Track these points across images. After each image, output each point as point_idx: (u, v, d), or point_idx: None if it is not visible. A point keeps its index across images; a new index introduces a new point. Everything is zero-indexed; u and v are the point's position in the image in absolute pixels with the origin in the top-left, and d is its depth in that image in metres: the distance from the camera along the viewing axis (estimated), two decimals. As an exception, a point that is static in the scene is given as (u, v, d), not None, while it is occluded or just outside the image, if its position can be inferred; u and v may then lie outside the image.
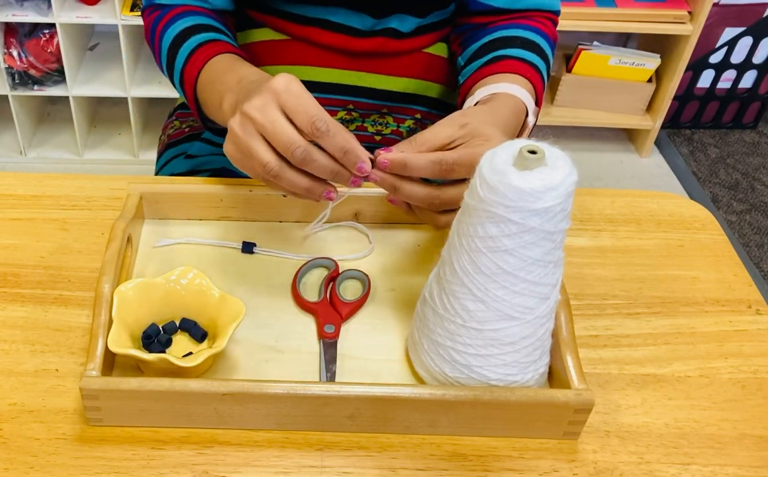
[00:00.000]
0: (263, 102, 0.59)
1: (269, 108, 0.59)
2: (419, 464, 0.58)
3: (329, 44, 0.84)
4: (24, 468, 0.56)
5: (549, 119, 2.18)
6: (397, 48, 0.85)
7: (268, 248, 0.73)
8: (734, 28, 2.14)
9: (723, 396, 0.64)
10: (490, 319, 0.56)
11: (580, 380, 0.59)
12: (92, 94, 2.03)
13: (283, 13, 0.83)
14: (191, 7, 0.81)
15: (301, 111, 0.59)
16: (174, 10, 0.80)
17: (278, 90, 0.59)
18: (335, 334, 0.65)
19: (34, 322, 0.67)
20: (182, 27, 0.78)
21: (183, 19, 0.79)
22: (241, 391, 0.57)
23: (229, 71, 0.71)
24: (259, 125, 0.60)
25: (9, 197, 0.78)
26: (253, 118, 0.60)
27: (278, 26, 0.85)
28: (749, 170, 2.24)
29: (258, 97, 0.60)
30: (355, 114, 0.88)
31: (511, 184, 0.52)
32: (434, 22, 0.86)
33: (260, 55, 0.87)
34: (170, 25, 0.79)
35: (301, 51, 0.85)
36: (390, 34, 0.84)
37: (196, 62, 0.75)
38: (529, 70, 0.78)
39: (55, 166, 2.14)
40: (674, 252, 0.77)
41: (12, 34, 1.94)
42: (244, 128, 0.61)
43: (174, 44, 0.78)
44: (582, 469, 0.59)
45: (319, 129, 0.59)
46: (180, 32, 0.78)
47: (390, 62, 0.86)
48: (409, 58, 0.87)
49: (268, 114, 0.59)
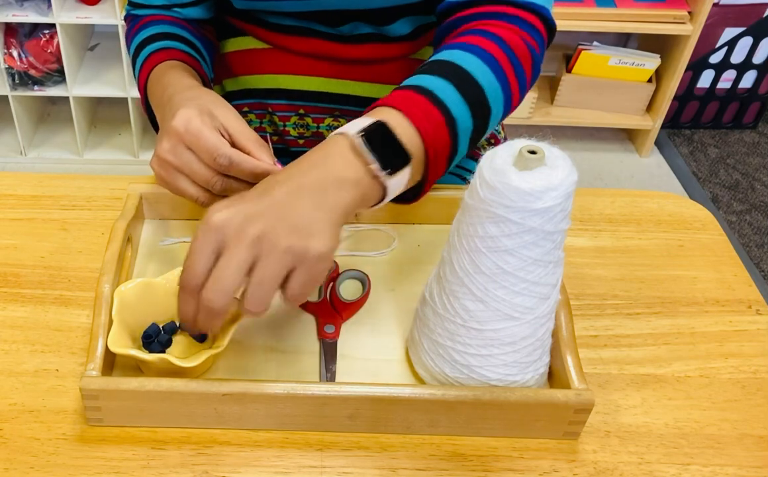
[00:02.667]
0: (171, 145, 0.62)
1: (178, 149, 0.61)
2: (419, 464, 0.58)
3: (312, 52, 0.83)
4: (24, 468, 0.56)
5: (549, 119, 2.18)
6: (382, 54, 0.83)
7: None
8: (734, 28, 2.14)
9: (723, 396, 0.64)
10: (490, 319, 0.56)
11: (580, 380, 0.59)
12: (92, 94, 2.03)
13: (263, 22, 0.83)
14: (159, 17, 0.82)
15: (203, 150, 0.61)
16: (143, 19, 0.81)
17: (180, 131, 0.61)
18: (335, 334, 0.65)
19: (34, 322, 0.67)
20: (144, 36, 0.79)
21: (147, 29, 0.80)
22: (241, 391, 0.57)
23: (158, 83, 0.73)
24: (176, 166, 0.62)
25: (9, 197, 0.78)
26: (168, 161, 0.62)
27: (260, 35, 0.84)
28: (749, 170, 2.24)
29: (166, 139, 0.62)
30: (342, 120, 0.87)
31: (511, 184, 0.52)
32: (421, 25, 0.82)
33: (244, 64, 0.87)
34: (136, 34, 0.80)
35: (284, 60, 0.84)
36: (375, 39, 0.81)
37: (143, 72, 0.76)
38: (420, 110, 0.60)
39: (55, 166, 2.14)
40: (674, 252, 0.77)
41: (12, 35, 1.94)
42: (165, 169, 0.63)
43: (135, 53, 0.79)
44: (582, 469, 0.59)
45: (221, 165, 0.61)
46: (141, 41, 0.79)
47: (375, 69, 0.84)
48: (395, 64, 0.84)
49: (180, 156, 0.62)
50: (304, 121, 0.87)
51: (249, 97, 0.88)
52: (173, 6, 0.82)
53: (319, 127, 0.87)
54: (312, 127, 0.87)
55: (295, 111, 0.86)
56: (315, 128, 0.87)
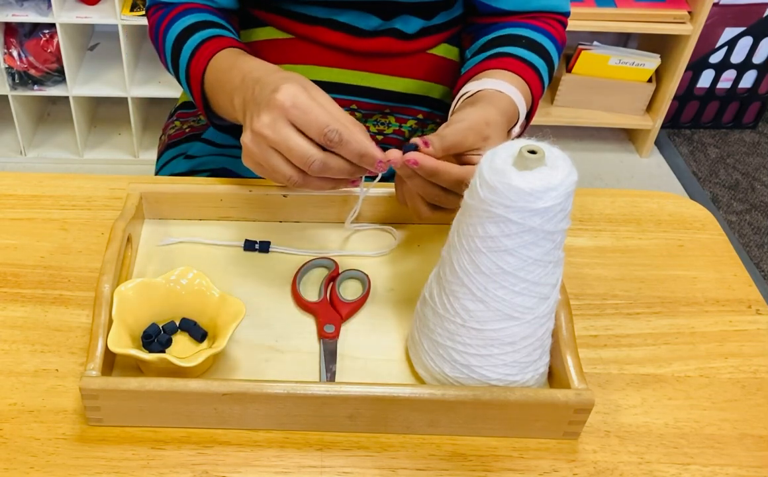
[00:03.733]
0: (272, 118, 0.60)
1: (279, 125, 0.60)
2: (419, 464, 0.58)
3: (334, 43, 0.84)
4: (24, 468, 0.56)
5: (549, 119, 2.18)
6: (401, 49, 0.85)
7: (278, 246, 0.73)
8: (734, 28, 2.14)
9: (723, 396, 0.64)
10: (490, 319, 0.56)
11: (580, 380, 0.59)
12: (92, 94, 2.03)
13: (288, 12, 0.83)
14: (194, 4, 0.81)
15: (312, 125, 0.59)
16: (177, 7, 0.81)
17: (285, 105, 0.59)
18: (335, 334, 0.65)
19: (34, 322, 0.67)
20: (185, 24, 0.78)
21: (186, 17, 0.79)
22: (241, 391, 0.57)
23: (233, 68, 0.71)
24: (273, 142, 0.60)
25: (9, 197, 0.78)
26: (265, 136, 0.60)
27: (283, 25, 0.85)
28: (749, 170, 2.24)
29: (266, 113, 0.60)
30: (358, 114, 0.88)
31: (511, 184, 0.52)
32: (439, 23, 0.86)
33: (264, 54, 0.86)
34: (173, 23, 0.79)
35: (305, 50, 0.85)
36: (395, 34, 0.84)
37: (200, 60, 0.75)
38: (527, 71, 0.78)
39: (55, 166, 2.14)
40: (674, 252, 0.77)
41: (12, 34, 1.94)
42: (259, 146, 0.61)
43: (177, 42, 0.78)
44: (582, 469, 0.59)
45: (331, 140, 0.59)
46: (183, 29, 0.78)
47: (394, 63, 0.86)
48: (413, 59, 0.87)
49: (280, 131, 0.60)
50: None
51: None
52: None
53: None
54: None
55: None
56: None
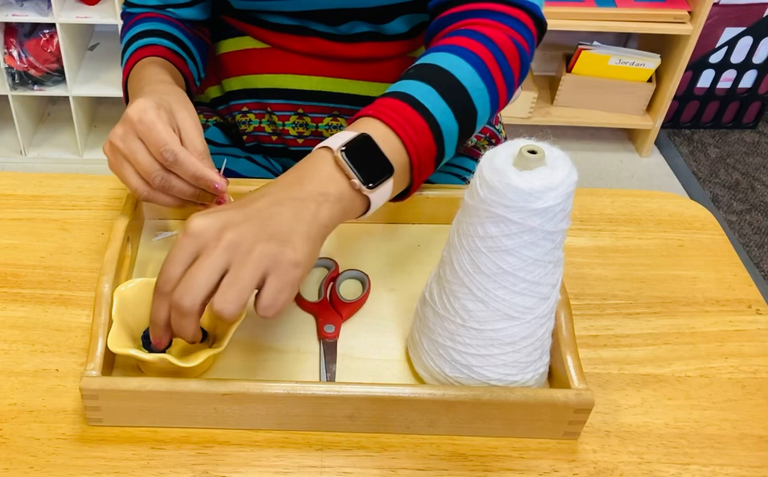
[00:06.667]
0: (124, 131, 0.63)
1: (129, 137, 0.63)
2: (419, 464, 0.58)
3: (310, 52, 0.83)
4: (24, 468, 0.56)
5: (549, 119, 2.18)
6: (380, 53, 0.83)
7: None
8: (734, 28, 2.14)
9: (723, 396, 0.64)
10: (490, 319, 0.56)
11: (580, 380, 0.59)
12: (92, 94, 2.03)
13: (260, 21, 0.82)
14: (153, 14, 0.82)
15: (152, 142, 0.62)
16: (137, 16, 0.82)
17: (134, 120, 0.62)
18: (335, 334, 0.65)
19: (34, 322, 0.67)
20: (134, 32, 0.80)
21: (138, 26, 0.81)
22: (241, 391, 0.57)
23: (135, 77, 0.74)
24: (123, 154, 0.63)
25: (9, 197, 0.78)
26: (118, 147, 0.63)
27: (259, 35, 0.84)
28: (749, 170, 2.24)
29: (121, 125, 0.63)
30: (341, 120, 0.87)
31: (511, 183, 0.52)
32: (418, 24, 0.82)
33: (242, 64, 0.86)
34: (128, 31, 0.81)
35: (282, 59, 0.84)
36: (373, 38, 0.81)
37: (126, 67, 0.78)
38: (403, 118, 0.61)
39: (55, 166, 2.14)
40: (674, 252, 0.77)
41: (12, 34, 1.94)
42: (114, 155, 0.64)
43: (124, 48, 0.80)
44: (582, 469, 0.59)
45: (167, 159, 0.62)
46: (130, 37, 0.80)
47: (373, 68, 0.84)
48: (393, 62, 0.84)
49: (129, 144, 0.63)
50: (303, 120, 0.87)
51: (248, 97, 0.88)
52: (167, 6, 0.82)
53: (318, 127, 0.87)
54: (311, 126, 0.87)
55: (294, 110, 0.86)
56: (314, 127, 0.87)
